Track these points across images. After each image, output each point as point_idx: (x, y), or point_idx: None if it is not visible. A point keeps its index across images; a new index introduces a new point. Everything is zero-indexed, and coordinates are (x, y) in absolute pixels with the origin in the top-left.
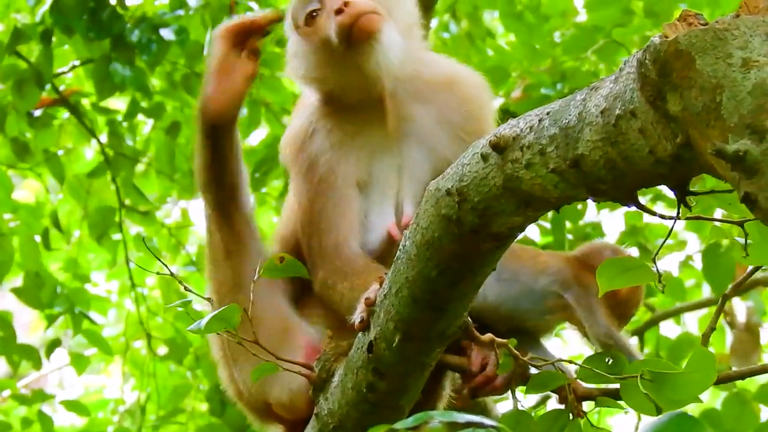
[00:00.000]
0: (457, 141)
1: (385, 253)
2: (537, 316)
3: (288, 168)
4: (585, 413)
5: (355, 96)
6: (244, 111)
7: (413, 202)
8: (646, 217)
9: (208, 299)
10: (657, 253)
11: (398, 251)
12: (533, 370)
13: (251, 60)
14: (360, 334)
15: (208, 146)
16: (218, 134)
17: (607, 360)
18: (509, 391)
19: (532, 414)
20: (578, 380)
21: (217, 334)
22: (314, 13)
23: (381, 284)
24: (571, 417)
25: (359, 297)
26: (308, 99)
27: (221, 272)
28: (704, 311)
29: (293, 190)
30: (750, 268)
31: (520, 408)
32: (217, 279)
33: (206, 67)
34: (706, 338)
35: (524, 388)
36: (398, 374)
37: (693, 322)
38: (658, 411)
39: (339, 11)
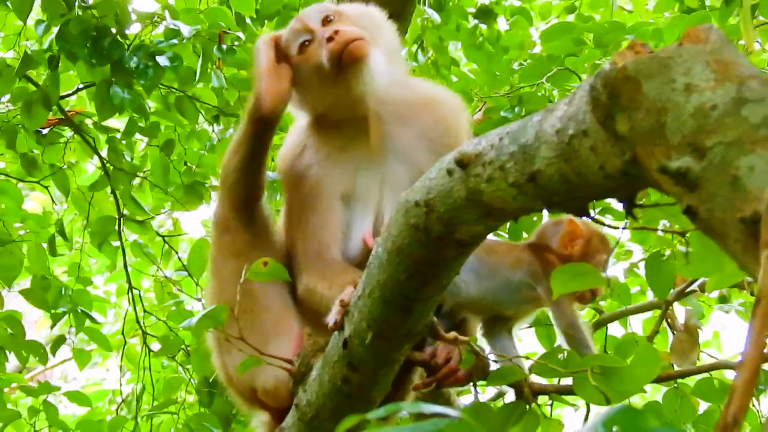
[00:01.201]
0: (436, 156)
1: (363, 259)
2: (515, 305)
3: (282, 181)
4: (539, 405)
5: (342, 115)
6: (230, 130)
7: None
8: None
9: (198, 299)
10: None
11: (371, 257)
12: (493, 366)
13: (288, 65)
14: (336, 332)
15: (253, 139)
16: (266, 128)
17: (560, 356)
18: (471, 384)
19: (491, 405)
20: (533, 375)
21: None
22: (306, 43)
23: (355, 287)
24: (527, 408)
25: (335, 297)
26: (300, 120)
27: (227, 269)
28: (648, 314)
29: (284, 201)
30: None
31: (480, 400)
32: (220, 276)
33: (255, 70)
34: (649, 340)
35: (485, 381)
36: (370, 368)
37: (637, 324)
38: (607, 402)
39: (330, 39)
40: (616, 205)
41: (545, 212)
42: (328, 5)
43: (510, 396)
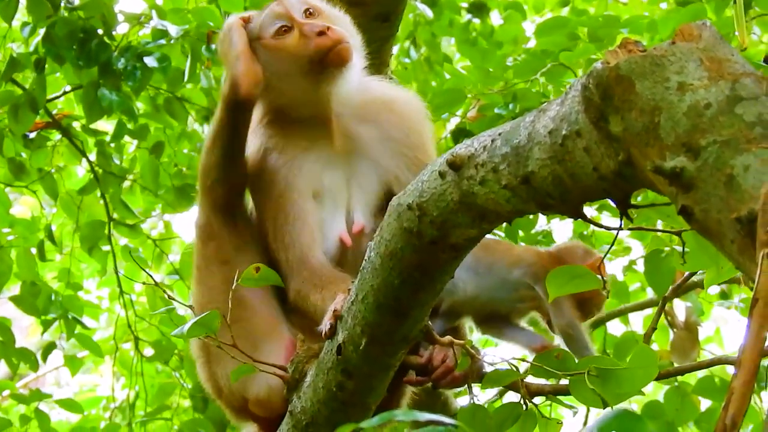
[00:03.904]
0: (399, 155)
1: (340, 258)
2: (510, 304)
3: (250, 190)
4: (537, 405)
5: (303, 112)
6: None
7: (362, 210)
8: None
9: (191, 306)
10: (602, 261)
11: (364, 261)
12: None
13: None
14: (327, 322)
15: (231, 127)
16: (244, 114)
17: (555, 356)
18: (467, 387)
19: (486, 406)
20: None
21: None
22: (284, 29)
23: (348, 294)
24: (524, 409)
25: (329, 306)
26: (254, 120)
27: (214, 277)
28: (648, 311)
29: (256, 210)
30: (687, 273)
31: (476, 402)
32: (207, 284)
33: (228, 52)
34: (648, 337)
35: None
36: (365, 374)
37: (638, 321)
38: (605, 405)
39: (321, 33)
40: (613, 203)
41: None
42: None
43: (510, 396)
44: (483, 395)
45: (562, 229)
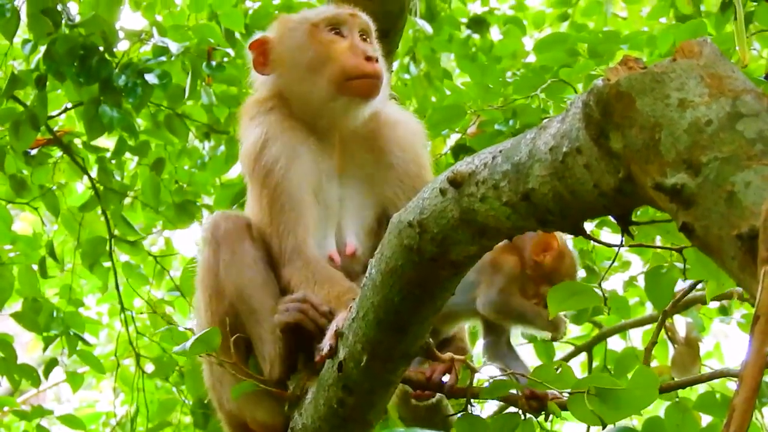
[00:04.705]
0: (397, 182)
1: None
2: (466, 307)
3: (247, 178)
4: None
5: (307, 114)
6: (221, 148)
7: (355, 232)
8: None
9: (190, 330)
10: (603, 277)
11: (365, 278)
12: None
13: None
14: (327, 343)
15: None
16: None
17: (556, 369)
18: (466, 399)
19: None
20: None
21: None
22: (336, 31)
23: (346, 307)
24: (523, 418)
25: (321, 306)
26: (261, 109)
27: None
28: (648, 327)
29: (252, 199)
30: (686, 286)
31: (474, 413)
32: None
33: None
34: (648, 351)
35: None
36: (366, 391)
37: (638, 337)
38: (603, 425)
39: (368, 58)
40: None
41: None
42: (371, 23)
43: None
44: (487, 405)
45: None
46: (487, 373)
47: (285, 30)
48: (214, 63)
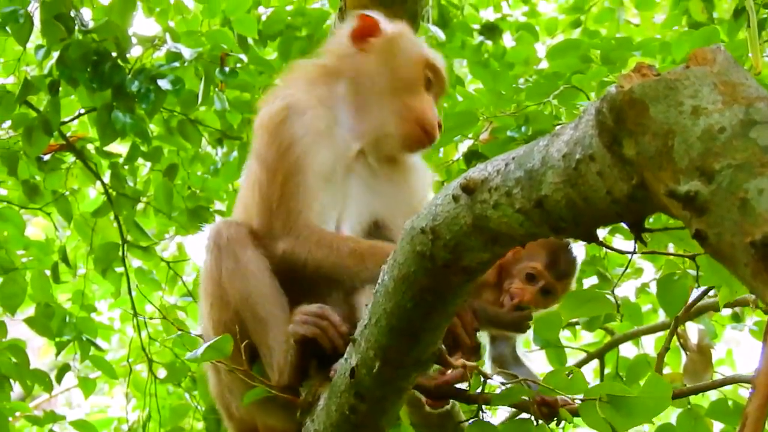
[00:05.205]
0: (396, 210)
1: None
2: None
3: (260, 141)
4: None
5: (360, 117)
6: (234, 153)
7: (349, 231)
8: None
9: (199, 336)
10: (615, 284)
11: (377, 284)
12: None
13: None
14: (342, 361)
15: None
16: None
17: (567, 375)
18: (477, 406)
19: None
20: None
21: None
22: (429, 80)
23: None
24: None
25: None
26: (323, 77)
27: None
28: (661, 334)
29: (260, 164)
30: (699, 292)
31: (485, 420)
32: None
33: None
34: (660, 358)
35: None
36: (378, 398)
37: (650, 344)
38: None
39: (439, 125)
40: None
41: None
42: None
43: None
44: (499, 412)
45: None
46: (499, 379)
47: (400, 38)
48: (227, 69)
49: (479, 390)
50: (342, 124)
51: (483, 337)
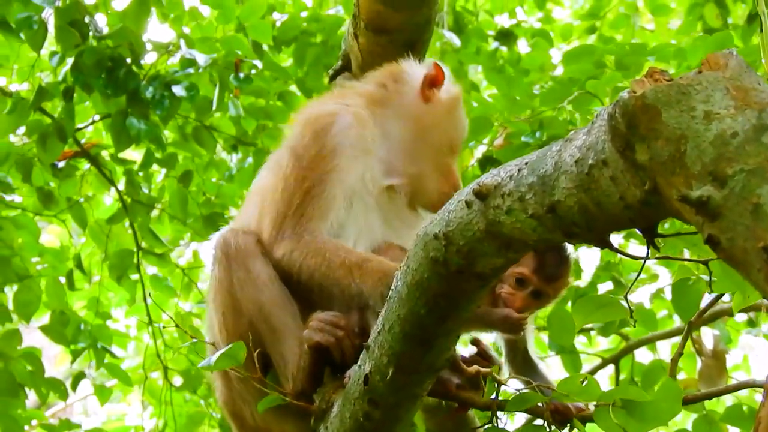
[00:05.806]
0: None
1: None
2: None
3: (300, 137)
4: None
5: (395, 151)
6: (249, 160)
7: (363, 246)
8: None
9: (212, 344)
10: (629, 290)
11: (391, 291)
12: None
13: None
14: (356, 367)
15: None
16: None
17: (582, 381)
18: (492, 412)
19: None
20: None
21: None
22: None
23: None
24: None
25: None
26: (371, 101)
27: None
28: (675, 339)
29: (294, 159)
30: (712, 297)
31: (500, 426)
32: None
33: None
34: (674, 363)
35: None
36: (391, 404)
37: (665, 349)
38: None
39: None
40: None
41: None
42: None
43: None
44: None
45: (589, 257)
46: (513, 385)
47: (460, 101)
48: (241, 75)
49: (493, 396)
50: (381, 155)
51: (499, 341)
